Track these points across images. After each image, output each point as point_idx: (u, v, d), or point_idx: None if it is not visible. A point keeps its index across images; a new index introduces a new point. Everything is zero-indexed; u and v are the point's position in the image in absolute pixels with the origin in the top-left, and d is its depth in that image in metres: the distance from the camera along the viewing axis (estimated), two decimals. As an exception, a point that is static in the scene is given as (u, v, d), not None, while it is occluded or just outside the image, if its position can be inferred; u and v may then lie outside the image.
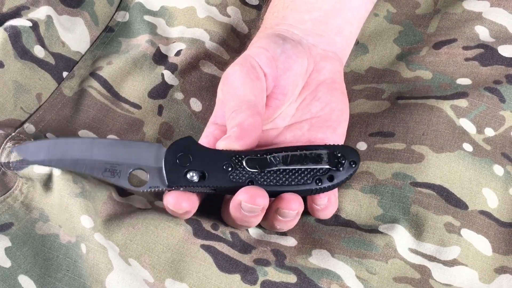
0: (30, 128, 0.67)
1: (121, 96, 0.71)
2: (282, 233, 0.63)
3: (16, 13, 0.71)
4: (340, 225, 0.63)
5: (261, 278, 0.59)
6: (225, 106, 0.63)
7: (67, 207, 0.60)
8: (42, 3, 0.71)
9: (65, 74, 0.71)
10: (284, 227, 0.61)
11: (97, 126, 0.69)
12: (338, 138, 0.63)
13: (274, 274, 0.60)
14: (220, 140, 0.60)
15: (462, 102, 0.67)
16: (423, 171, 0.64)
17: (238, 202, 0.58)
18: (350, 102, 0.67)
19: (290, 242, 0.62)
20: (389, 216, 0.63)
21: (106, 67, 0.71)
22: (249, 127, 0.60)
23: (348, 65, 0.73)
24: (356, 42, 0.73)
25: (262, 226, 0.63)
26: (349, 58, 0.71)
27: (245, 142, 0.59)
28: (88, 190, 0.61)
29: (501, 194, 0.64)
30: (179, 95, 0.71)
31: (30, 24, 0.69)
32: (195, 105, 0.71)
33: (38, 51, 0.69)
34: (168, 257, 0.59)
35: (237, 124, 0.60)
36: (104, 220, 0.60)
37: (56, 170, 0.61)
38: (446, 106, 0.67)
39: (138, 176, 0.63)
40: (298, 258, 0.61)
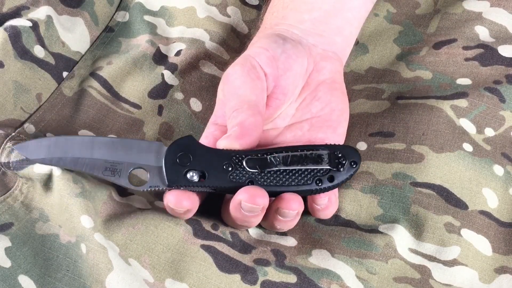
0: (30, 128, 0.67)
1: (121, 96, 0.71)
2: (282, 233, 0.63)
3: (16, 13, 0.71)
4: (340, 225, 0.63)
5: (261, 278, 0.59)
6: (225, 106, 0.63)
7: (67, 207, 0.60)
8: (42, 3, 0.71)
9: (65, 74, 0.71)
10: (284, 227, 0.61)
11: (97, 126, 0.69)
12: (338, 138, 0.63)
13: (274, 274, 0.59)
14: (220, 139, 0.60)
15: (462, 102, 0.67)
16: (423, 171, 0.64)
17: (238, 202, 0.58)
18: (350, 102, 0.67)
19: (290, 242, 0.62)
20: (389, 216, 0.63)
21: (106, 67, 0.71)
22: (249, 127, 0.59)
23: (348, 65, 0.73)
24: (356, 42, 0.73)
25: (262, 226, 0.63)
26: (349, 58, 0.71)
27: (245, 141, 0.59)
28: (88, 190, 0.61)
29: (501, 194, 0.64)
30: (179, 95, 0.71)
31: (30, 24, 0.69)
32: (195, 105, 0.71)
33: (38, 51, 0.69)
34: (168, 257, 0.59)
35: (237, 123, 0.60)
36: (104, 220, 0.60)
37: (56, 170, 0.61)
38: (446, 106, 0.67)
39: (138, 175, 0.63)
40: (298, 258, 0.61)
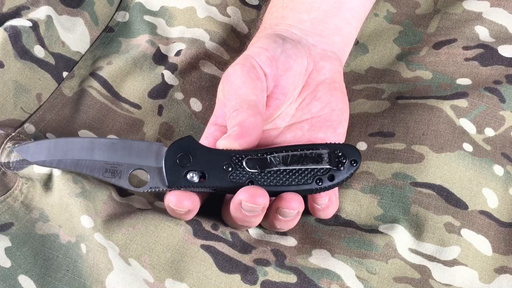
0: (30, 128, 0.67)
1: (121, 96, 0.71)
2: (282, 233, 0.63)
3: (16, 13, 0.71)
4: (340, 225, 0.63)
5: (261, 278, 0.59)
6: (225, 106, 0.63)
7: (67, 207, 0.60)
8: (42, 3, 0.71)
9: (65, 74, 0.71)
10: (284, 227, 0.61)
11: (97, 126, 0.69)
12: (339, 138, 0.63)
13: (274, 274, 0.59)
14: (220, 139, 0.60)
15: (462, 102, 0.67)
16: (423, 171, 0.64)
17: (239, 202, 0.58)
18: (350, 102, 0.67)
19: (290, 242, 0.62)
20: (389, 216, 0.63)
21: (106, 67, 0.71)
22: (250, 126, 0.59)
23: (348, 65, 0.73)
24: (356, 42, 0.73)
25: (262, 226, 0.63)
26: (349, 58, 0.71)
27: (245, 141, 0.59)
28: (88, 190, 0.61)
29: (501, 194, 0.64)
30: (179, 95, 0.71)
31: (30, 24, 0.69)
32: (195, 105, 0.71)
33: (38, 51, 0.69)
34: (168, 257, 0.59)
35: (238, 123, 0.60)
36: (104, 220, 0.60)
37: (56, 170, 0.61)
38: (446, 106, 0.67)
39: (139, 176, 0.63)
40: (298, 258, 0.61)
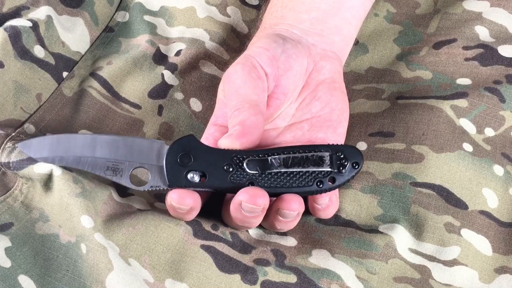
0: (30, 128, 0.67)
1: (121, 96, 0.71)
2: (282, 233, 0.63)
3: (16, 13, 0.71)
4: (340, 225, 0.63)
5: (261, 278, 0.59)
6: (225, 106, 0.63)
7: (67, 207, 0.60)
8: (42, 3, 0.71)
9: (65, 74, 0.71)
10: (284, 228, 0.61)
11: (97, 126, 0.69)
12: (339, 137, 0.63)
13: (274, 274, 0.59)
14: (221, 138, 0.60)
15: (462, 102, 0.67)
16: (423, 171, 0.64)
17: (239, 203, 0.58)
18: (350, 102, 0.67)
19: (290, 242, 0.62)
20: (389, 216, 0.63)
21: (106, 67, 0.71)
22: (251, 126, 0.59)
23: (348, 65, 0.73)
24: (356, 42, 0.73)
25: (262, 226, 0.63)
26: (349, 58, 0.71)
27: (246, 140, 0.59)
28: (88, 190, 0.61)
29: (501, 194, 0.64)
30: (179, 95, 0.71)
31: (30, 24, 0.69)
32: (195, 105, 0.71)
33: (38, 51, 0.69)
34: (168, 257, 0.59)
35: (239, 122, 0.60)
36: (104, 220, 0.60)
37: (56, 170, 0.61)
38: (446, 106, 0.67)
39: (139, 175, 0.63)
40: (298, 258, 0.61)
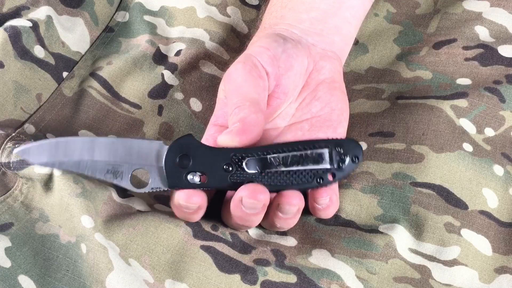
0: (30, 128, 0.67)
1: (121, 96, 0.71)
2: (282, 233, 0.63)
3: (16, 13, 0.71)
4: (340, 225, 0.63)
5: (261, 278, 0.59)
6: (226, 106, 0.62)
7: (68, 207, 0.60)
8: (42, 3, 0.71)
9: (65, 74, 0.71)
10: (284, 225, 0.61)
11: (97, 126, 0.69)
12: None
13: (274, 274, 0.59)
14: (221, 135, 0.60)
15: (462, 102, 0.67)
16: (423, 171, 0.64)
17: (239, 199, 0.58)
18: (350, 102, 0.67)
19: (290, 242, 0.62)
20: (389, 216, 0.63)
21: (106, 67, 0.71)
22: (251, 123, 0.59)
23: (348, 65, 0.73)
24: (355, 42, 0.73)
25: (262, 226, 0.63)
26: (349, 58, 0.71)
27: (246, 137, 0.59)
28: (88, 190, 0.61)
29: (501, 194, 0.64)
30: (179, 95, 0.71)
31: (30, 24, 0.69)
32: (195, 105, 0.71)
33: (38, 51, 0.69)
34: (168, 258, 0.59)
35: (239, 119, 0.59)
36: (104, 220, 0.60)
37: (56, 170, 0.61)
38: (446, 106, 0.67)
39: (139, 177, 0.63)
40: (298, 258, 0.61)
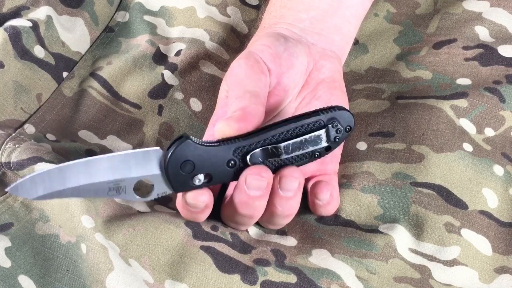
0: (30, 128, 0.67)
1: (121, 96, 0.71)
2: (282, 232, 0.63)
3: (16, 13, 0.71)
4: (340, 225, 0.63)
5: (261, 278, 0.59)
6: (226, 106, 0.62)
7: (68, 207, 0.60)
8: (42, 3, 0.71)
9: (65, 74, 0.71)
10: (285, 209, 0.60)
11: (97, 126, 0.69)
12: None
13: (274, 274, 0.59)
14: (219, 121, 0.58)
15: (462, 102, 0.67)
16: (423, 171, 0.64)
17: (244, 179, 0.58)
18: (350, 102, 0.67)
19: (290, 241, 0.62)
20: (389, 216, 0.63)
21: (106, 67, 0.71)
22: (252, 113, 0.58)
23: (348, 65, 0.73)
24: (355, 42, 0.73)
25: (262, 226, 0.63)
26: (349, 58, 0.71)
27: (245, 125, 0.58)
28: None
29: (501, 194, 0.64)
30: (179, 95, 0.71)
31: (30, 24, 0.69)
32: (195, 105, 0.71)
33: (38, 51, 0.69)
34: (168, 258, 0.59)
35: (240, 108, 0.58)
36: (104, 220, 0.60)
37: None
38: (446, 106, 0.67)
39: (143, 184, 0.62)
40: (298, 258, 0.61)
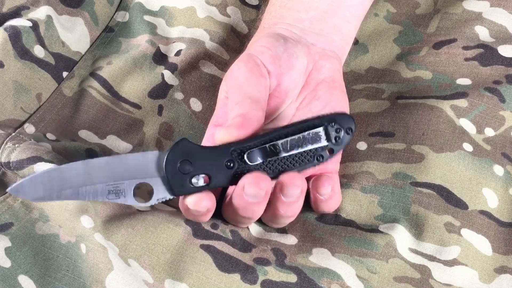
0: (30, 128, 0.67)
1: (121, 96, 0.71)
2: (283, 231, 0.63)
3: (16, 13, 0.71)
4: (340, 224, 0.63)
5: (261, 278, 0.59)
6: (226, 106, 0.62)
7: (67, 207, 0.60)
8: (42, 3, 0.71)
9: (65, 74, 0.71)
10: (288, 211, 0.60)
11: (97, 126, 0.69)
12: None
13: (274, 273, 0.59)
14: (219, 129, 0.59)
15: (462, 102, 0.67)
16: (423, 171, 0.64)
17: (242, 187, 0.58)
18: (350, 102, 0.67)
19: (290, 240, 0.62)
20: (389, 216, 0.63)
21: (106, 67, 0.71)
22: (251, 119, 0.59)
23: (348, 65, 0.73)
24: (355, 42, 0.73)
25: (263, 224, 0.63)
26: (349, 57, 0.71)
27: (245, 132, 0.58)
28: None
29: (501, 194, 0.64)
30: (179, 95, 0.71)
31: (30, 24, 0.69)
32: (195, 105, 0.71)
33: (38, 51, 0.69)
34: (167, 258, 0.59)
35: (239, 114, 0.59)
36: (103, 220, 0.60)
37: None
38: (446, 106, 0.67)
39: (143, 190, 0.62)
40: (299, 257, 0.61)
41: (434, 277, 0.61)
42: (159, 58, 0.72)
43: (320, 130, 0.60)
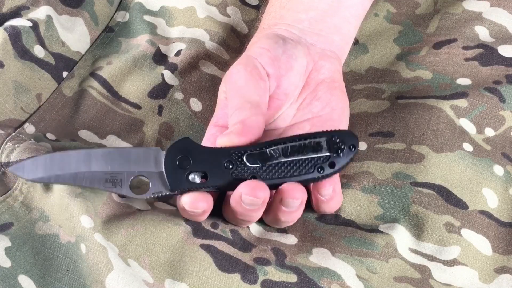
0: (30, 128, 0.67)
1: (121, 96, 0.71)
2: (283, 230, 0.63)
3: (16, 13, 0.71)
4: (340, 224, 0.63)
5: (261, 278, 0.59)
6: (226, 107, 0.62)
7: (67, 207, 0.60)
8: (42, 3, 0.71)
9: (65, 74, 0.71)
10: (288, 219, 0.61)
11: (97, 126, 0.69)
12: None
13: (274, 273, 0.59)
14: (220, 136, 0.60)
15: (462, 102, 0.67)
16: (423, 171, 0.64)
17: (239, 195, 0.58)
18: (350, 102, 0.67)
19: (290, 240, 0.62)
20: (389, 216, 0.63)
21: (106, 67, 0.71)
22: (252, 125, 0.59)
23: (348, 65, 0.73)
24: (355, 42, 0.73)
25: (263, 223, 0.63)
26: (349, 58, 0.71)
27: (246, 139, 0.59)
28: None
29: (501, 194, 0.64)
30: (179, 95, 0.71)
31: (30, 24, 0.69)
32: (195, 105, 0.71)
33: (38, 51, 0.69)
34: (167, 257, 0.59)
35: (240, 121, 0.60)
36: (103, 220, 0.60)
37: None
38: (446, 106, 0.67)
39: (139, 182, 0.63)
40: (299, 257, 0.61)
41: (434, 277, 0.61)
42: (159, 58, 0.72)
43: (322, 140, 0.60)
